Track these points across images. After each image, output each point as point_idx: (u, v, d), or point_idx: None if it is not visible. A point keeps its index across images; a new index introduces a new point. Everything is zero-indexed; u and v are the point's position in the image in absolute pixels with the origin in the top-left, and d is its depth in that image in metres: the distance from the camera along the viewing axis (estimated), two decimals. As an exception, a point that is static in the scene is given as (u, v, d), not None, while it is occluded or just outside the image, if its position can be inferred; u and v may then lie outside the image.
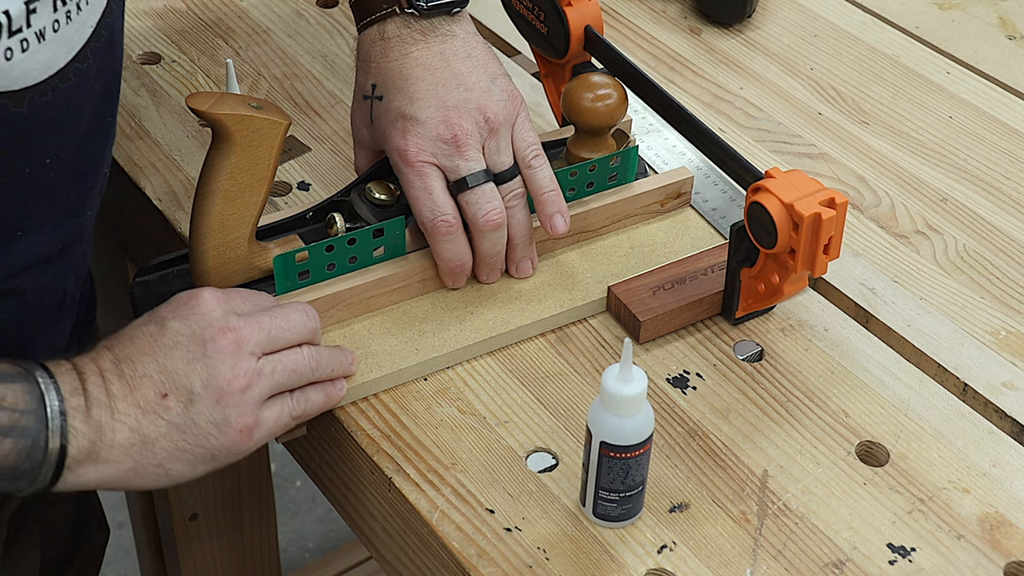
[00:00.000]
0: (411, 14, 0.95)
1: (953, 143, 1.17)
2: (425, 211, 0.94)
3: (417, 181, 0.94)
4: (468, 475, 0.87)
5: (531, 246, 0.98)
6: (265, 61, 1.22)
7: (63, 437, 0.77)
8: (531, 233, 0.98)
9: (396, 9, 0.96)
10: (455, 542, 0.83)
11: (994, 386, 0.95)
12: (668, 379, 0.94)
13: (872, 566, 0.83)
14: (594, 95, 0.99)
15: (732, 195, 1.07)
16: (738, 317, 0.97)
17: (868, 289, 1.02)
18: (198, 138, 1.12)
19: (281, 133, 0.88)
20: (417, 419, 0.90)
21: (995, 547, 0.84)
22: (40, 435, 0.76)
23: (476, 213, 0.94)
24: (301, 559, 2.16)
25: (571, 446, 0.89)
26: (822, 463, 0.89)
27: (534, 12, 1.06)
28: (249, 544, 1.62)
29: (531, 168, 0.96)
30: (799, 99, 1.21)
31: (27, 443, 0.76)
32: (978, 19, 1.33)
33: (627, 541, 0.84)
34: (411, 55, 0.95)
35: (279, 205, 1.07)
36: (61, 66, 0.78)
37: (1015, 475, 0.89)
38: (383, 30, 0.96)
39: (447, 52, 0.96)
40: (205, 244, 0.89)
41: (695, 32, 1.30)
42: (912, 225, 1.08)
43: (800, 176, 0.90)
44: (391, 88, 0.95)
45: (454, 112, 0.94)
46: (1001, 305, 1.01)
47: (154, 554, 1.62)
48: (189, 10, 1.28)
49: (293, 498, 2.25)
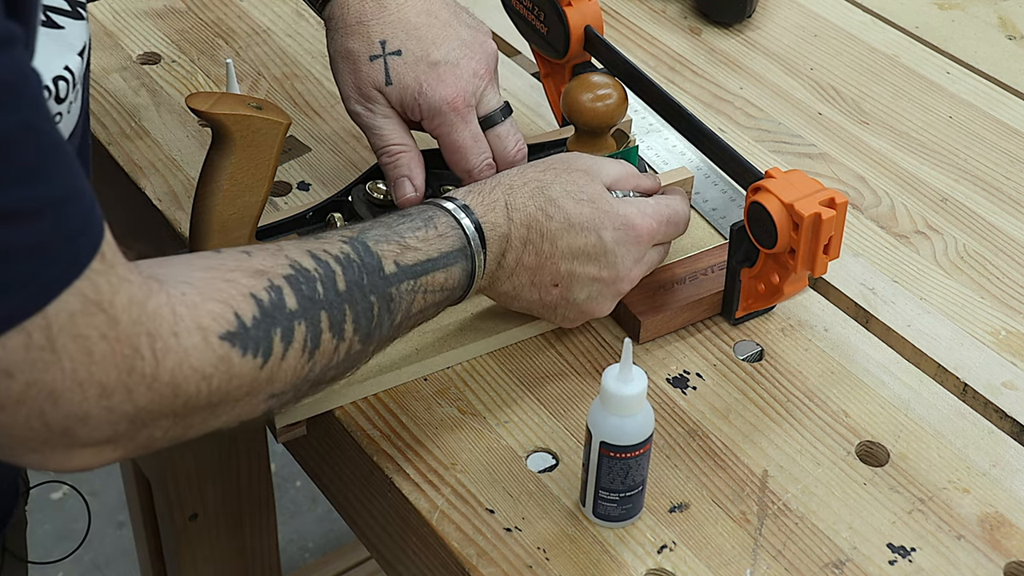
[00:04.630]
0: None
1: (953, 143, 1.17)
2: (473, 158, 0.94)
3: (465, 129, 0.93)
4: (468, 475, 0.87)
5: None
6: (265, 61, 1.22)
7: (468, 290, 0.86)
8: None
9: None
10: (455, 542, 0.83)
11: (994, 386, 0.95)
12: (668, 379, 0.94)
13: (872, 566, 0.83)
14: (594, 95, 0.99)
15: (732, 195, 1.07)
16: (738, 317, 0.97)
17: (868, 289, 1.02)
18: (198, 138, 1.12)
19: (281, 133, 0.88)
20: (417, 419, 0.90)
21: (995, 547, 0.84)
22: (457, 295, 0.86)
23: (506, 146, 0.96)
24: (301, 559, 2.16)
25: (571, 446, 0.89)
26: (822, 463, 0.89)
27: (534, 12, 1.06)
28: (249, 544, 1.62)
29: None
30: (799, 99, 1.21)
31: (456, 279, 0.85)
32: (978, 19, 1.33)
33: (627, 541, 0.84)
34: (408, 4, 0.94)
35: (279, 205, 1.07)
36: (81, 104, 0.80)
37: (1015, 475, 0.89)
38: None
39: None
40: (205, 244, 0.89)
41: (695, 32, 1.30)
42: (912, 225, 1.08)
43: (800, 176, 0.90)
44: (406, 39, 0.93)
45: (471, 48, 0.94)
46: (1001, 305, 1.01)
47: (154, 554, 1.62)
48: (189, 10, 1.28)
49: (293, 498, 2.25)
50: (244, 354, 0.70)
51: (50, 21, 0.76)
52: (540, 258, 0.88)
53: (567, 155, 0.92)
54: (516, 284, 0.89)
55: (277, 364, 0.72)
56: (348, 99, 0.95)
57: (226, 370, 0.69)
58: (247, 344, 0.70)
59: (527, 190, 0.87)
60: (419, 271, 0.81)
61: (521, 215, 0.87)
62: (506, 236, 0.86)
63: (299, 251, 0.76)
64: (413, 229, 0.82)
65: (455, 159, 0.94)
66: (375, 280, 0.78)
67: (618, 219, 0.89)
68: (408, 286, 0.81)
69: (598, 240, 0.88)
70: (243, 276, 0.72)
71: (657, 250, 0.93)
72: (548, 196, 0.88)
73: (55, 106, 0.75)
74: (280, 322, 0.72)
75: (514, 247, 0.87)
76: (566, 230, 0.87)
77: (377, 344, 0.80)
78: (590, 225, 0.88)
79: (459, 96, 0.92)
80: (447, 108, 0.92)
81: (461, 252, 0.84)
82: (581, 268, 0.89)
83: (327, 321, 0.75)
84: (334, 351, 0.76)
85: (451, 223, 0.84)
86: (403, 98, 0.93)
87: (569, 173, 0.89)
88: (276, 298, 0.72)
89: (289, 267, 0.74)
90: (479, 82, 0.93)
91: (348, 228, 0.81)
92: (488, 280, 0.87)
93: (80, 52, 0.77)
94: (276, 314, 0.72)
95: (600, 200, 0.89)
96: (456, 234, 0.84)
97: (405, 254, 0.81)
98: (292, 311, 0.73)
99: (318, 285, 0.75)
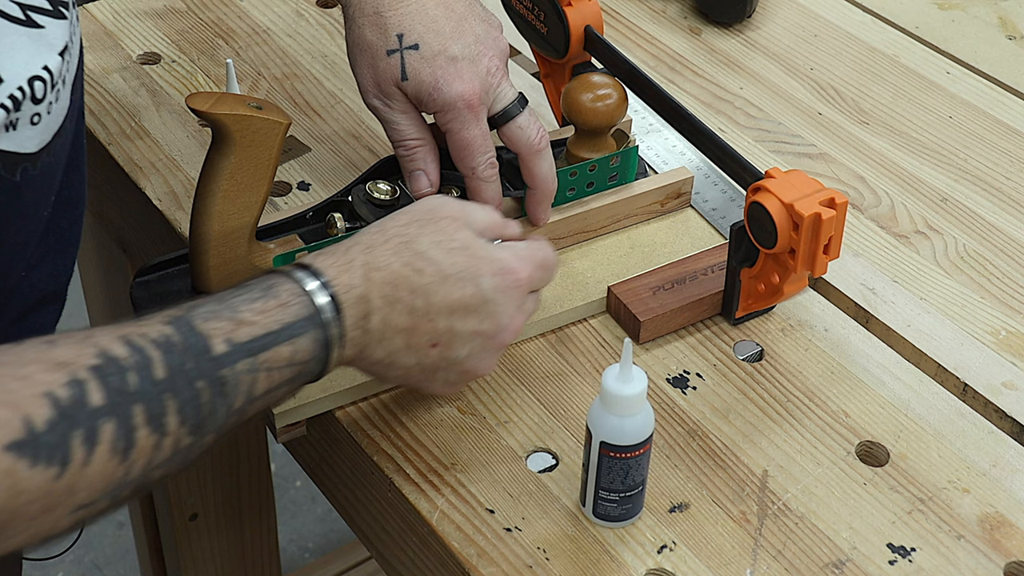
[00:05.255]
0: None
1: (953, 143, 1.17)
2: (479, 156, 0.93)
3: (476, 126, 0.92)
4: (468, 475, 0.87)
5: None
6: (265, 61, 1.22)
7: (335, 362, 0.79)
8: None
9: None
10: (455, 542, 0.83)
11: (994, 386, 0.95)
12: (668, 379, 0.94)
13: (872, 566, 0.83)
14: (594, 95, 0.99)
15: (732, 195, 1.07)
16: (738, 317, 0.97)
17: (868, 289, 1.02)
18: (198, 138, 1.12)
19: (281, 133, 0.88)
20: (417, 419, 0.90)
21: (995, 547, 0.84)
22: (316, 369, 0.78)
23: (530, 136, 0.94)
24: (301, 559, 2.16)
25: (571, 446, 0.89)
26: (822, 463, 0.89)
27: (534, 12, 1.06)
28: (249, 544, 1.62)
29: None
30: (799, 99, 1.21)
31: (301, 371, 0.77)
32: (978, 19, 1.33)
33: (627, 541, 0.84)
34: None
35: (279, 205, 1.07)
36: (67, 106, 0.79)
37: (1015, 475, 0.89)
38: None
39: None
40: (205, 244, 0.89)
41: (695, 32, 1.30)
42: (912, 225, 1.08)
43: (800, 176, 0.90)
44: (424, 33, 0.92)
45: (486, 45, 0.93)
46: (1001, 305, 1.01)
47: (154, 554, 1.62)
48: (189, 10, 1.28)
49: (293, 498, 2.25)
50: (34, 465, 0.62)
51: (29, 20, 0.74)
52: (414, 317, 0.80)
53: (430, 203, 0.85)
54: (390, 350, 0.81)
55: (78, 471, 0.64)
56: (366, 93, 0.95)
57: (11, 485, 0.62)
58: (38, 453, 0.63)
59: (389, 247, 0.81)
60: (257, 347, 0.73)
61: (384, 274, 0.79)
62: (364, 297, 0.79)
63: (111, 337, 0.69)
64: (249, 301, 0.75)
65: (462, 156, 0.93)
66: (202, 364, 0.71)
67: (495, 265, 0.83)
68: (246, 365, 0.72)
69: (476, 290, 0.82)
70: (40, 371, 0.65)
71: (533, 297, 0.87)
72: (415, 250, 0.81)
73: (32, 106, 0.73)
74: (81, 422, 0.64)
75: (378, 308, 0.79)
76: (440, 283, 0.81)
77: (216, 433, 0.72)
78: (466, 275, 0.81)
79: (475, 93, 0.91)
80: (462, 104, 0.91)
81: (309, 320, 0.76)
82: (461, 323, 0.82)
83: (143, 415, 0.67)
84: (154, 448, 0.68)
85: (295, 290, 0.76)
86: (419, 93, 0.92)
87: (435, 223, 0.83)
88: (77, 395, 0.65)
89: (96, 357, 0.67)
90: (493, 79, 0.93)
91: (176, 306, 0.74)
92: (356, 349, 0.79)
93: (62, 52, 0.76)
94: (76, 414, 0.64)
95: (474, 247, 0.82)
96: (302, 301, 0.76)
97: (239, 330, 0.73)
98: (96, 408, 0.65)
99: (130, 375, 0.67)
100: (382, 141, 1.12)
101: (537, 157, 0.95)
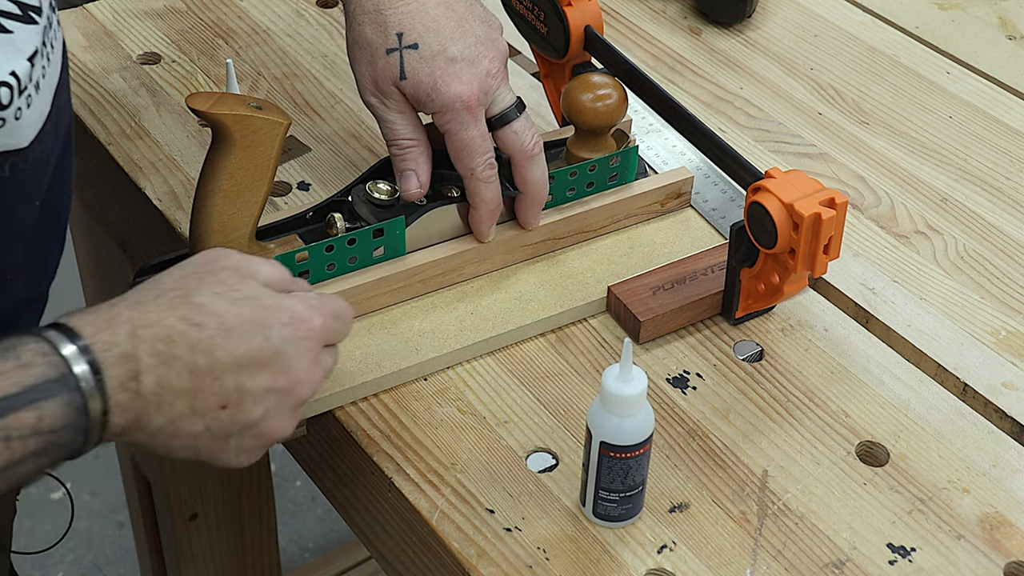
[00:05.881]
0: None
1: (953, 143, 1.17)
2: (477, 156, 0.93)
3: (475, 128, 0.92)
4: (468, 475, 0.87)
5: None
6: (265, 61, 1.22)
7: (101, 431, 0.71)
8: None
9: None
10: (455, 542, 0.83)
11: (994, 386, 0.95)
12: (668, 379, 0.94)
13: (872, 566, 0.83)
14: (594, 95, 0.99)
15: (732, 195, 1.07)
16: (738, 317, 0.97)
17: (868, 289, 1.02)
18: (198, 138, 1.12)
19: (281, 133, 0.88)
20: (417, 419, 0.90)
21: (995, 547, 0.84)
22: (76, 440, 0.70)
23: (524, 141, 0.94)
24: (301, 559, 2.16)
25: (571, 446, 0.89)
26: (822, 463, 0.89)
27: (534, 12, 1.06)
28: (249, 544, 1.62)
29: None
30: (799, 99, 1.21)
31: (60, 452, 0.70)
32: (978, 19, 1.33)
33: (627, 541, 0.84)
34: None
35: (279, 205, 1.07)
36: (48, 111, 0.78)
37: (1015, 475, 0.89)
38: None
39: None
40: (205, 244, 0.89)
41: (695, 32, 1.30)
42: (912, 225, 1.08)
43: (800, 176, 0.90)
44: (424, 33, 0.91)
45: (485, 46, 0.93)
46: (1001, 305, 1.01)
47: (154, 554, 1.62)
48: (189, 10, 1.28)
49: (293, 498, 2.25)
50: None
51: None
52: (197, 377, 0.72)
53: (210, 254, 0.79)
54: (172, 416, 0.72)
55: None
56: (364, 90, 0.95)
57: None
58: None
59: (162, 301, 0.73)
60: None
61: (155, 330, 0.71)
62: (130, 355, 0.70)
63: None
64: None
65: (460, 157, 0.93)
66: None
67: (284, 314, 0.76)
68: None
69: (264, 342, 0.74)
70: None
71: (330, 351, 0.80)
72: (193, 303, 0.73)
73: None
74: None
75: (150, 368, 0.71)
76: (224, 337, 0.73)
77: None
78: (252, 326, 0.74)
79: (473, 95, 0.91)
80: (460, 105, 0.91)
81: (59, 383, 0.68)
82: (251, 380, 0.74)
83: None
84: None
85: (40, 349, 0.68)
86: (417, 93, 0.92)
87: (215, 275, 0.76)
88: None
89: None
90: (492, 81, 0.92)
91: None
92: (128, 416, 0.71)
93: (31, 57, 0.74)
94: None
95: (260, 297, 0.76)
96: (47, 361, 0.68)
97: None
98: None
99: None
100: (382, 141, 1.12)
101: (530, 163, 0.95)
